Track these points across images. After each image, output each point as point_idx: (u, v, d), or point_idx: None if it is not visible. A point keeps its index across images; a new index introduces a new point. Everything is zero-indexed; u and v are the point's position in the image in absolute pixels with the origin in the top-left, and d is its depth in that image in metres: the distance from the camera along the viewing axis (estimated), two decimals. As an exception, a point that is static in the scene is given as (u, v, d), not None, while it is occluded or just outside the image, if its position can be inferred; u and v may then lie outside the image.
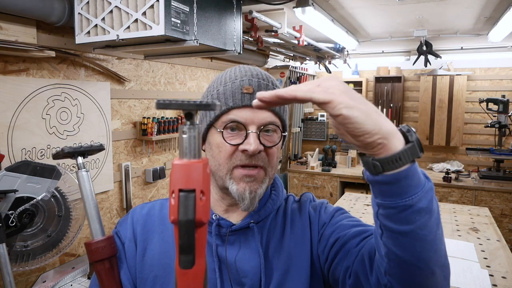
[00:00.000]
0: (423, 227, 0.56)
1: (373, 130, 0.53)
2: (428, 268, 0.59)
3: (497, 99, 3.93)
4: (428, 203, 0.56)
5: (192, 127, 0.43)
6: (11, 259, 1.56)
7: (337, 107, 0.52)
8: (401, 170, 0.54)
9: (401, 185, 0.55)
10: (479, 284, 1.76)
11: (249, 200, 0.78)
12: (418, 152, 0.55)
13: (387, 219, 0.58)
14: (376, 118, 0.53)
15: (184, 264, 0.42)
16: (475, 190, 3.88)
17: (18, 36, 1.75)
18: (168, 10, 1.57)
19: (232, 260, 0.80)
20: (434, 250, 0.59)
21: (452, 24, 3.09)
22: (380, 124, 0.53)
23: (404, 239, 0.57)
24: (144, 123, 2.59)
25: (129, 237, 0.86)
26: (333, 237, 0.80)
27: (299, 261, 0.82)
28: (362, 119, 0.52)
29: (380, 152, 0.54)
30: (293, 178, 4.65)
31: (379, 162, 0.55)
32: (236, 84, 0.80)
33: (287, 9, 2.45)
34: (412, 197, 0.55)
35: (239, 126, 0.78)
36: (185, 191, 0.42)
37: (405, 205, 0.55)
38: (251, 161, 0.77)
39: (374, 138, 0.53)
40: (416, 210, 0.55)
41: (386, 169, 0.54)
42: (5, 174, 1.54)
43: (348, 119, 0.52)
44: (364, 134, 0.53)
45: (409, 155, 0.54)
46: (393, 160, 0.54)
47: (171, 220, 0.43)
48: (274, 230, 0.85)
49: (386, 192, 0.56)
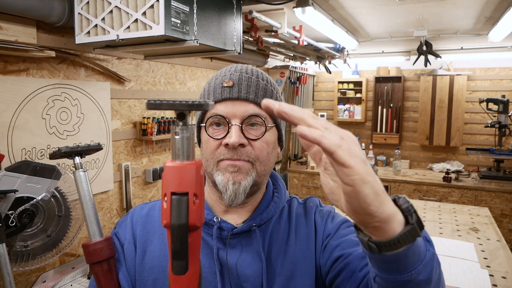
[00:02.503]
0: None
1: (375, 213, 0.48)
2: None
3: (497, 99, 3.92)
4: (428, 274, 0.54)
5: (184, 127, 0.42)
6: (11, 259, 1.56)
7: (354, 176, 0.45)
8: (399, 251, 0.50)
9: (399, 264, 0.52)
10: (479, 284, 1.76)
11: (233, 191, 0.76)
12: (418, 233, 0.51)
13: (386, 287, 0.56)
14: (382, 200, 0.48)
15: (176, 269, 0.41)
16: (475, 190, 3.87)
17: (18, 36, 1.76)
18: (168, 10, 1.57)
19: (233, 264, 0.79)
20: None
21: (452, 24, 3.09)
22: (384, 207, 0.48)
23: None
24: (144, 123, 2.59)
25: (129, 238, 0.85)
26: (337, 251, 0.78)
27: (303, 268, 0.80)
28: (371, 199, 0.46)
29: (375, 234, 0.50)
30: (293, 178, 4.65)
31: (375, 244, 0.51)
32: (218, 80, 0.81)
33: (287, 9, 2.45)
34: (412, 273, 0.52)
35: (223, 121, 0.77)
36: (177, 194, 0.41)
37: (403, 281, 0.53)
38: (234, 155, 0.76)
39: (373, 221, 0.48)
40: (414, 283, 0.53)
41: (383, 251, 0.50)
42: (5, 174, 1.54)
43: (357, 195, 0.46)
44: (366, 214, 0.48)
45: (409, 238, 0.50)
46: (391, 243, 0.50)
47: (164, 224, 0.41)
48: (278, 234, 0.83)
49: (384, 267, 0.53)
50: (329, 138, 0.46)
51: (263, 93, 0.80)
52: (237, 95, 0.78)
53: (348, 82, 5.02)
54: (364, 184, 0.46)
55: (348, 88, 5.02)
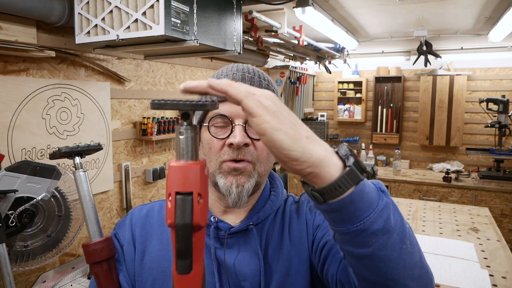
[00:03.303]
0: (383, 248, 0.53)
1: (301, 158, 0.48)
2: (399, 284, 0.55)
3: (497, 99, 3.92)
4: (384, 223, 0.52)
5: (189, 127, 0.42)
6: (11, 259, 1.56)
7: (262, 125, 0.47)
8: (344, 197, 0.50)
9: (348, 211, 0.51)
10: (479, 284, 1.76)
11: (236, 194, 0.76)
12: (359, 176, 0.50)
13: (344, 243, 0.55)
14: (305, 145, 0.48)
15: (181, 269, 0.41)
16: (475, 190, 3.87)
17: (18, 36, 1.75)
18: (168, 10, 1.57)
19: (231, 263, 0.79)
20: (402, 267, 0.54)
21: (452, 24, 3.09)
22: (310, 151, 0.48)
23: (366, 261, 0.54)
24: (144, 123, 2.59)
25: (128, 239, 0.85)
26: (323, 240, 0.79)
27: (298, 264, 0.81)
28: (288, 144, 0.47)
29: (314, 181, 0.50)
30: (293, 178, 4.65)
31: (317, 192, 0.51)
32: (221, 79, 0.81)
33: (287, 9, 2.45)
34: (364, 221, 0.51)
35: (226, 121, 0.77)
36: (182, 194, 0.41)
37: (357, 230, 0.51)
38: (238, 155, 0.75)
39: (303, 167, 0.48)
40: (370, 233, 0.51)
41: (327, 198, 0.50)
42: (5, 174, 1.54)
43: (272, 142, 0.47)
44: (292, 161, 0.48)
45: (349, 181, 0.49)
46: (331, 189, 0.49)
47: (168, 224, 0.42)
48: (273, 232, 0.84)
49: (335, 219, 0.53)
50: (237, 88, 0.47)
51: None
52: None
53: (348, 82, 5.02)
54: (276, 131, 0.47)
55: (348, 88, 5.02)
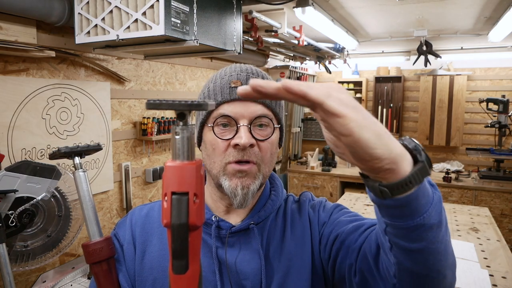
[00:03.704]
0: (434, 241, 0.54)
1: (383, 155, 0.46)
2: (440, 275, 0.57)
3: (497, 99, 3.92)
4: (438, 217, 0.53)
5: (185, 127, 0.42)
6: (11, 259, 1.56)
7: (349, 124, 0.44)
8: (411, 192, 0.49)
9: (411, 206, 0.51)
10: (479, 284, 1.76)
11: (242, 196, 0.76)
12: (428, 171, 0.50)
13: (397, 238, 0.55)
14: (387, 141, 0.47)
15: (177, 269, 0.41)
16: (475, 190, 3.87)
17: (18, 36, 1.76)
18: (168, 10, 1.57)
19: (232, 262, 0.79)
20: (445, 258, 0.56)
21: (452, 24, 3.09)
22: (391, 147, 0.47)
23: (417, 255, 0.55)
24: (144, 123, 2.59)
25: (128, 239, 0.85)
26: (332, 234, 0.79)
27: (299, 263, 0.81)
28: (373, 142, 0.45)
29: (387, 177, 0.49)
30: (293, 178, 4.65)
31: (387, 187, 0.49)
32: (225, 79, 0.80)
33: (287, 9, 2.45)
34: (423, 216, 0.51)
35: (230, 121, 0.77)
36: (178, 194, 0.41)
37: (416, 225, 0.52)
38: (243, 156, 0.75)
39: (383, 164, 0.47)
40: (427, 227, 0.52)
41: (395, 194, 0.49)
42: (5, 174, 1.54)
43: (358, 142, 0.45)
44: (374, 159, 0.46)
45: (420, 177, 0.49)
46: (402, 184, 0.49)
47: (164, 224, 0.42)
48: (274, 231, 0.84)
49: (396, 214, 0.52)
50: (316, 88, 0.44)
51: None
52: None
53: (348, 82, 5.02)
54: (362, 129, 0.44)
55: (348, 88, 5.02)
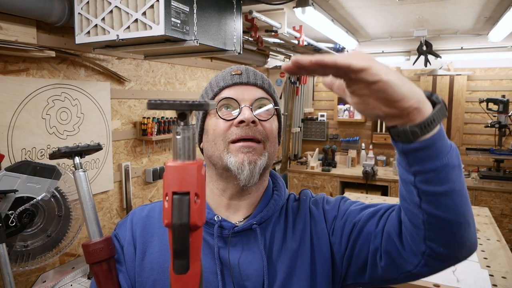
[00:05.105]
0: (458, 182, 0.60)
1: (409, 95, 0.54)
2: (466, 221, 0.62)
3: (497, 99, 3.92)
4: (458, 158, 0.60)
5: (186, 127, 0.42)
6: (11, 259, 1.56)
7: (377, 72, 0.52)
8: (435, 132, 0.57)
9: (437, 146, 0.58)
10: (479, 284, 1.76)
11: (249, 170, 0.77)
12: (445, 112, 0.59)
13: (427, 184, 0.59)
14: (409, 84, 0.55)
15: (178, 269, 0.42)
16: (475, 190, 3.87)
17: (18, 36, 1.76)
18: (168, 10, 1.57)
19: (235, 262, 0.79)
20: (467, 202, 0.62)
21: (452, 24, 3.09)
22: (414, 89, 0.55)
23: (445, 198, 0.60)
24: (144, 123, 2.59)
25: (128, 240, 0.85)
26: (348, 226, 0.80)
27: (301, 262, 0.80)
28: (400, 83, 0.53)
29: (415, 118, 0.56)
30: (293, 178, 4.65)
31: (416, 127, 0.56)
32: (226, 71, 0.86)
33: (287, 9, 2.45)
34: (447, 156, 0.58)
35: (233, 103, 0.81)
36: (179, 193, 0.41)
37: (443, 165, 0.58)
38: (248, 132, 0.77)
39: (411, 103, 0.54)
40: (452, 167, 0.59)
41: (423, 133, 0.56)
42: (5, 174, 1.54)
43: (388, 84, 0.53)
44: (403, 98, 0.54)
45: (440, 116, 0.57)
46: (428, 123, 0.56)
47: (165, 224, 0.42)
48: (277, 231, 0.84)
49: (423, 157, 0.58)
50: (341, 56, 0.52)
51: (268, 85, 0.86)
52: (246, 80, 0.83)
53: (348, 82, 5.01)
54: (387, 74, 0.53)
55: (348, 88, 5.01)
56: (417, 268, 0.69)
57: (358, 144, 5.02)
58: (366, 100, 0.57)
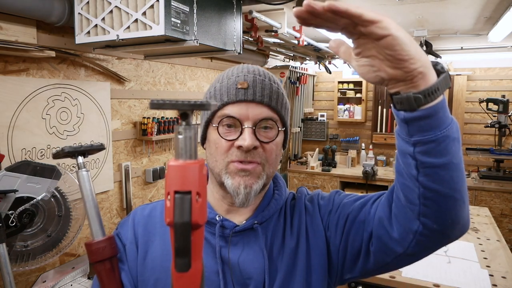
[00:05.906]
0: (456, 156, 0.59)
1: (416, 56, 0.53)
2: (461, 197, 0.62)
3: (497, 99, 3.93)
4: (457, 131, 0.60)
5: (188, 127, 0.43)
6: (11, 259, 1.56)
7: (387, 26, 0.52)
8: (438, 101, 0.56)
9: (439, 116, 0.57)
10: (479, 284, 1.76)
11: (244, 195, 0.76)
12: (449, 81, 0.58)
13: (426, 155, 0.59)
14: (417, 46, 0.54)
15: (180, 267, 0.42)
16: (475, 190, 3.88)
17: (18, 36, 1.76)
18: (168, 10, 1.57)
19: (236, 261, 0.79)
20: (464, 178, 0.62)
21: (452, 24, 3.09)
22: (421, 53, 0.54)
23: (443, 171, 0.59)
24: (144, 123, 2.59)
25: (130, 239, 0.85)
26: (342, 217, 0.81)
27: (300, 260, 0.81)
28: (408, 42, 0.52)
29: (419, 83, 0.55)
30: (293, 178, 4.65)
31: (420, 94, 0.55)
32: (231, 80, 0.79)
33: (287, 9, 2.45)
34: (448, 127, 0.57)
35: (235, 123, 0.77)
36: (180, 193, 0.41)
37: (443, 136, 0.57)
38: (247, 157, 0.75)
39: (417, 65, 0.54)
40: (451, 139, 0.58)
41: (426, 101, 0.55)
42: (5, 174, 1.54)
43: (396, 40, 0.52)
44: (410, 58, 0.53)
45: (444, 85, 0.56)
46: (432, 91, 0.55)
47: (167, 222, 0.42)
48: (277, 230, 0.84)
49: (425, 126, 0.57)
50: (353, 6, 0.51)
51: (276, 97, 0.80)
52: (252, 98, 0.77)
53: (348, 82, 5.03)
54: (397, 30, 0.52)
55: (348, 88, 5.03)
56: (408, 249, 0.68)
57: (358, 144, 5.03)
58: (372, 61, 0.56)
